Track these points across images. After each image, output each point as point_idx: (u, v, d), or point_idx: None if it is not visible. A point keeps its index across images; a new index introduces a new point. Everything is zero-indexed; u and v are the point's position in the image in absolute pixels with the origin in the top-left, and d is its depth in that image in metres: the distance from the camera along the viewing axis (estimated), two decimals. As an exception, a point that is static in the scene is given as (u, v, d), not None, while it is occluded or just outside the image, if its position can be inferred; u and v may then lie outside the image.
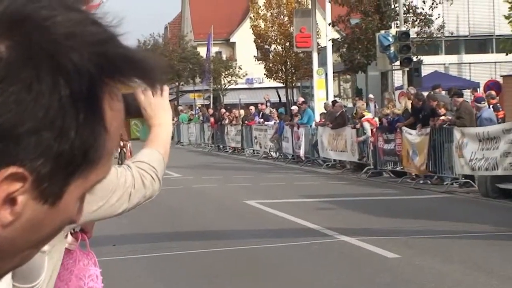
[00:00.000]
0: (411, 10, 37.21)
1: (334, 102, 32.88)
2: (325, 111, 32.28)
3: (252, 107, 43.96)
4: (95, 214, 3.01)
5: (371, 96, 34.98)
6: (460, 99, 22.83)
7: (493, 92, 24.75)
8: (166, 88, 3.48)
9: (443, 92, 25.07)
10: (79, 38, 0.97)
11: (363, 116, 27.31)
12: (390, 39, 29.20)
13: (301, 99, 39.18)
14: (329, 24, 41.83)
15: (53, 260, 3.01)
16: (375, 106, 33.02)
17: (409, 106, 24.47)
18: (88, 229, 3.66)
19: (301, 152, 32.00)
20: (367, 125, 26.68)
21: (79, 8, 1.01)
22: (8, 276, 2.36)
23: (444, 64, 46.60)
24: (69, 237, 3.44)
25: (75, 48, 0.96)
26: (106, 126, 1.00)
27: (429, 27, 39.22)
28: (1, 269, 1.05)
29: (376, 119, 27.28)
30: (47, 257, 2.94)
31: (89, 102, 0.99)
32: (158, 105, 3.29)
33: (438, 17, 39.40)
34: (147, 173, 3.14)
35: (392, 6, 36.35)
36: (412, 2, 37.84)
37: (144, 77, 1.03)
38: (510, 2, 38.16)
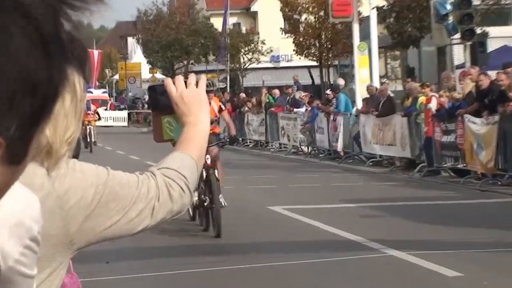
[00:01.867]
0: None
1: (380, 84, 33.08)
2: (368, 96, 32.50)
3: (277, 91, 43.99)
4: (110, 231, 3.00)
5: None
6: None
7: None
8: (203, 78, 3.46)
9: None
10: None
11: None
12: (448, 6, 29.19)
13: (340, 82, 39.38)
14: None
15: (53, 286, 2.96)
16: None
17: (473, 89, 24.49)
18: None
19: (339, 146, 32.22)
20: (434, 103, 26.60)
21: None
22: None
23: None
24: None
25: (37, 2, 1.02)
26: (68, 58, 1.08)
27: None
28: None
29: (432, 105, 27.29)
30: (48, 283, 2.93)
31: (56, 41, 1.05)
32: (192, 99, 3.31)
33: None
34: (176, 183, 3.11)
35: None
36: None
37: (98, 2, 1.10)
38: None
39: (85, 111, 28.15)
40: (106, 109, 70.86)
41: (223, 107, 18.46)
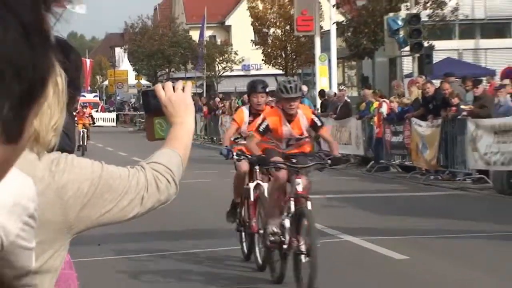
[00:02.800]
0: None
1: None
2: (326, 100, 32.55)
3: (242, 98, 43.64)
4: (104, 218, 3.02)
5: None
6: (481, 88, 23.02)
7: (508, 79, 24.48)
8: (188, 84, 3.48)
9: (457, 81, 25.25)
10: None
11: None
12: (400, 22, 29.38)
13: (305, 88, 39.44)
14: (333, 6, 41.80)
15: (55, 265, 2.95)
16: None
17: (420, 96, 24.51)
18: None
19: None
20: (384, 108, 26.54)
21: None
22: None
23: (458, 50, 46.52)
24: None
25: None
26: (52, 45, 1.07)
27: (442, 9, 39.10)
28: None
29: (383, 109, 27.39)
30: (51, 262, 2.93)
31: (38, 30, 1.04)
32: (179, 101, 3.33)
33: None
34: (163, 176, 3.14)
35: None
36: None
37: None
38: None
39: (81, 115, 27.55)
40: (97, 111, 70.42)
41: (318, 122, 12.02)
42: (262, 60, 58.55)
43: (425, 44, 29.98)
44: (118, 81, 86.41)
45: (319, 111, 31.83)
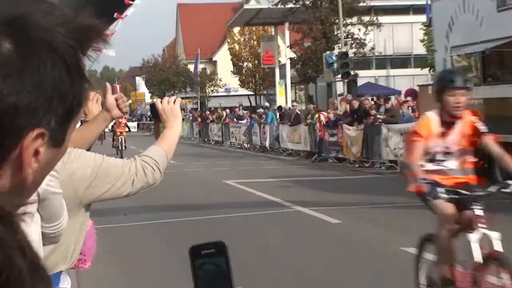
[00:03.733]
0: (349, 36, 37.09)
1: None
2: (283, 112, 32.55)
3: (228, 110, 43.85)
4: (105, 195, 3.05)
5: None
6: (390, 103, 23.29)
7: (409, 97, 24.93)
8: (178, 99, 3.45)
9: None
10: (59, 24, 0.99)
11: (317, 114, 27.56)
12: (334, 58, 29.34)
13: (267, 104, 39.38)
14: (288, 47, 42.18)
15: (79, 222, 3.02)
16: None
17: (348, 109, 24.59)
18: None
19: (267, 144, 32.20)
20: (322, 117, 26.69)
21: (52, 6, 1.03)
22: (38, 219, 2.47)
23: (375, 76, 46.49)
24: None
25: (60, 32, 0.99)
26: (87, 79, 1.04)
27: (363, 48, 39.08)
28: (26, 199, 1.08)
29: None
30: (75, 225, 2.96)
31: (77, 68, 1.02)
32: (169, 111, 3.31)
33: (370, 41, 39.28)
34: (149, 165, 3.11)
35: (335, 33, 36.14)
36: (350, 30, 37.66)
37: (100, 39, 1.05)
38: (423, 29, 38.19)
39: (118, 124, 23.20)
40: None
41: (482, 127, 6.40)
42: (239, 84, 58.44)
43: (352, 73, 29.76)
44: (138, 100, 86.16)
45: (279, 120, 32.04)
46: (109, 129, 34.00)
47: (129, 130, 42.07)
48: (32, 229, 2.49)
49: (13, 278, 0.59)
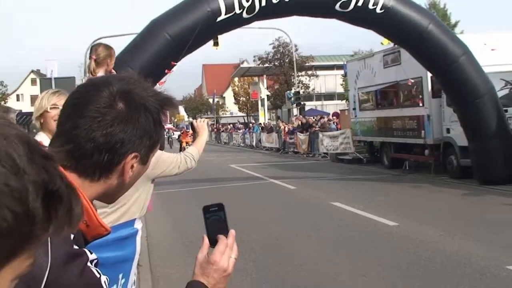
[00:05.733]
0: (300, 82, 37.39)
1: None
2: (263, 125, 32.84)
3: (232, 125, 44.31)
4: (162, 173, 2.74)
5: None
6: (323, 120, 23.53)
7: (334, 117, 25.00)
8: (206, 120, 3.20)
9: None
10: (151, 95, 0.94)
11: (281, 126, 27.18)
12: (291, 94, 29.32)
13: (253, 121, 40.02)
14: (265, 88, 43.05)
15: (147, 189, 2.67)
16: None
17: (300, 123, 24.57)
18: None
19: (254, 143, 32.08)
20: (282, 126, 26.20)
21: (147, 85, 0.97)
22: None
23: (315, 105, 46.13)
24: None
25: (151, 100, 0.94)
26: (162, 133, 0.98)
27: (308, 89, 39.86)
28: (121, 195, 0.99)
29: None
30: (144, 195, 2.70)
31: (159, 121, 0.95)
32: (201, 127, 3.03)
33: (312, 85, 40.18)
34: (188, 158, 2.84)
35: (292, 80, 36.15)
36: (300, 78, 38.00)
37: (172, 107, 0.98)
38: (342, 78, 38.01)
39: (185, 135, 20.56)
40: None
41: None
42: (238, 109, 58.73)
43: (301, 103, 29.75)
44: (180, 119, 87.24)
45: (260, 130, 31.65)
46: (177, 139, 32.73)
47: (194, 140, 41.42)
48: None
49: (55, 191, 0.52)
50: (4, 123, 0.53)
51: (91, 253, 0.87)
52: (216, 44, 24.13)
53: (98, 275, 0.87)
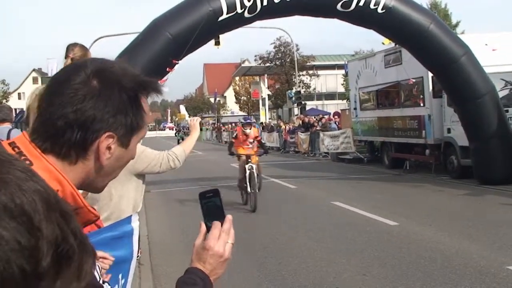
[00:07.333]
0: (301, 82, 37.32)
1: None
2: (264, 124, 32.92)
3: (234, 123, 43.98)
4: (144, 169, 2.71)
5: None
6: (324, 119, 23.39)
7: (335, 116, 24.81)
8: (198, 118, 3.09)
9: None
10: (128, 75, 0.91)
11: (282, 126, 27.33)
12: (292, 94, 29.30)
13: (255, 120, 39.85)
14: (267, 88, 42.94)
15: (133, 185, 2.67)
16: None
17: (301, 123, 24.60)
18: None
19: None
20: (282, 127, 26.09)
21: (129, 68, 0.93)
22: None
23: (316, 105, 45.76)
24: None
25: (128, 79, 0.91)
26: (145, 111, 0.93)
27: (309, 89, 39.68)
28: (106, 182, 0.96)
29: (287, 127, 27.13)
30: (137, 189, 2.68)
31: (135, 101, 0.91)
32: (192, 127, 2.99)
33: (313, 84, 39.90)
34: (171, 156, 2.79)
35: (293, 80, 36.18)
36: (301, 78, 37.87)
37: (152, 89, 0.94)
38: (343, 78, 37.87)
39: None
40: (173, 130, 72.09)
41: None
42: (239, 109, 58.55)
43: (302, 103, 29.66)
44: (181, 118, 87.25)
45: (262, 129, 30.99)
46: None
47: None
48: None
49: (66, 250, 0.51)
50: (25, 178, 0.52)
51: None
52: (217, 43, 24.06)
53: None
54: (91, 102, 0.87)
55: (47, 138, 0.88)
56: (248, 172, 8.95)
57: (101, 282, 0.87)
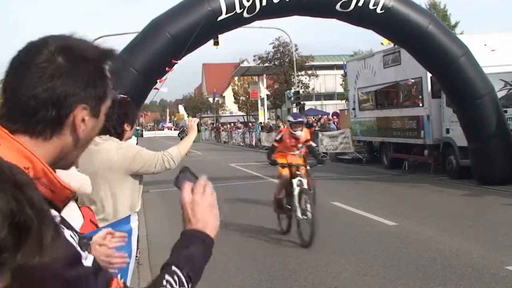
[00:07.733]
0: (300, 82, 37.30)
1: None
2: (263, 125, 33.14)
3: (232, 123, 44.39)
4: (140, 170, 2.70)
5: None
6: (323, 119, 23.63)
7: (334, 117, 25.08)
8: (196, 119, 3.12)
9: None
10: (90, 47, 0.92)
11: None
12: (291, 94, 29.27)
13: (254, 120, 40.15)
14: (265, 88, 42.78)
15: (130, 186, 2.67)
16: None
17: None
18: None
19: (253, 143, 32.14)
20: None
21: (87, 40, 0.93)
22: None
23: (315, 105, 45.88)
24: None
25: (91, 51, 0.91)
26: (109, 83, 0.93)
27: (307, 89, 39.68)
28: (79, 155, 0.97)
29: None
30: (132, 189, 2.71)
31: (101, 71, 0.93)
32: (189, 127, 3.01)
33: (312, 84, 39.89)
34: (166, 157, 2.77)
35: (292, 80, 36.09)
36: (300, 78, 37.81)
37: (113, 57, 0.94)
38: (342, 78, 38.08)
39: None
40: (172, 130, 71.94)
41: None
42: (237, 108, 58.29)
43: (301, 103, 29.40)
44: (180, 118, 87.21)
45: (260, 129, 31.64)
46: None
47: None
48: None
49: (23, 221, 0.51)
50: None
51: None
52: (216, 43, 24.06)
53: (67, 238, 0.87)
54: (60, 79, 0.88)
55: (19, 119, 0.88)
56: (297, 189, 6.36)
57: (86, 254, 0.86)
